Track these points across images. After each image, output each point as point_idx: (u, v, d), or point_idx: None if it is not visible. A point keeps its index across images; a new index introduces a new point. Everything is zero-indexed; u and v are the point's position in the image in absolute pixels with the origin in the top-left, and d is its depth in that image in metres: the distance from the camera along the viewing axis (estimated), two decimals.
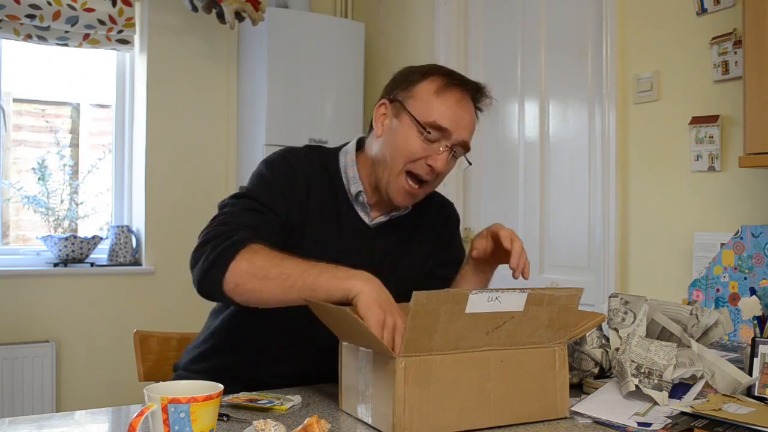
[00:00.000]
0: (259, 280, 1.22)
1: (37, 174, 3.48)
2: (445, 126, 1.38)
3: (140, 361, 1.71)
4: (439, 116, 1.38)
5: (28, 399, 3.20)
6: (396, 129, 1.41)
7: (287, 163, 1.43)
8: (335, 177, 1.47)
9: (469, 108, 1.44)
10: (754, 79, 1.84)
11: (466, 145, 1.44)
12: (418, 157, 1.39)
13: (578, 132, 2.82)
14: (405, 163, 1.39)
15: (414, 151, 1.39)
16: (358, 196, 1.45)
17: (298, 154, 1.46)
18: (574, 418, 1.14)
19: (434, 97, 1.40)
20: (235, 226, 1.30)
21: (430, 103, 1.39)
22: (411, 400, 1.02)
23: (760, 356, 1.24)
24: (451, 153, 1.41)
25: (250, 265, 1.22)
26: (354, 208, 1.47)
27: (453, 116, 1.39)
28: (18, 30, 3.27)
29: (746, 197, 2.17)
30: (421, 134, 1.38)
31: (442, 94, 1.40)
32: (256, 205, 1.36)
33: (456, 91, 1.42)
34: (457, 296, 1.02)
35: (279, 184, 1.40)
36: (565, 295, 1.11)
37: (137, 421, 0.87)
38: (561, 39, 2.91)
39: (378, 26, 3.85)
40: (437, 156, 1.39)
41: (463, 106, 1.42)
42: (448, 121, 1.39)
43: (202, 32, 3.69)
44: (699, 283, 2.14)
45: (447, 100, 1.40)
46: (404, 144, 1.39)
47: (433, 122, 1.38)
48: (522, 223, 3.08)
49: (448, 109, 1.39)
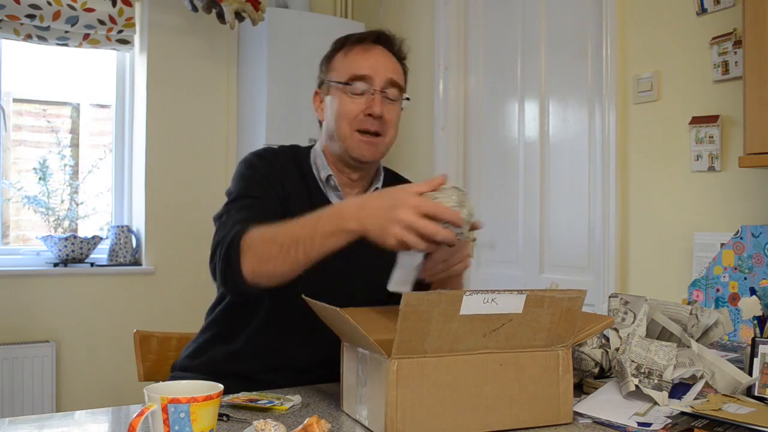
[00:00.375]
0: (268, 261, 1.26)
1: (38, 174, 3.48)
2: (363, 73, 1.47)
3: (140, 361, 1.71)
4: (355, 68, 1.48)
5: (28, 399, 3.20)
6: (330, 103, 1.51)
7: (262, 158, 1.52)
8: (306, 168, 1.55)
9: (381, 52, 1.52)
10: (754, 79, 1.84)
11: (395, 83, 1.50)
12: (357, 113, 1.47)
13: (578, 132, 2.82)
14: (349, 124, 1.47)
15: (350, 109, 1.47)
16: (328, 179, 1.53)
17: (270, 150, 1.56)
18: (575, 419, 1.14)
19: (345, 57, 1.51)
20: (230, 227, 1.35)
21: (344, 63, 1.50)
22: (404, 402, 1.01)
23: (760, 356, 1.24)
24: (383, 95, 1.48)
25: (253, 253, 1.27)
26: (326, 194, 1.53)
27: (367, 62, 1.48)
28: (18, 30, 3.27)
29: (746, 197, 2.17)
30: (348, 92, 1.47)
31: (350, 51, 1.51)
32: (246, 201, 1.43)
33: (360, 44, 1.51)
34: (450, 298, 1.00)
35: (259, 175, 1.48)
36: (568, 297, 1.08)
37: (137, 421, 0.87)
38: (561, 39, 2.91)
39: (378, 26, 3.84)
40: (371, 103, 1.46)
41: (374, 52, 1.51)
42: (365, 69, 1.48)
43: (202, 32, 3.69)
44: (699, 283, 2.14)
45: (355, 53, 1.50)
46: (340, 109, 1.48)
47: (352, 75, 1.47)
48: (522, 223, 3.08)
49: (360, 58, 1.49)
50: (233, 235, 1.30)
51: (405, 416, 1.01)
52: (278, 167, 1.50)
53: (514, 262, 3.11)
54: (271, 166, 1.50)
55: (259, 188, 1.45)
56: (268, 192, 1.45)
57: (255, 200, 1.43)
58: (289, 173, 1.52)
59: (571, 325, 1.10)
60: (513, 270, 3.11)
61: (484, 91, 3.31)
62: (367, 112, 1.46)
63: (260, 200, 1.43)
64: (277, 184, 1.48)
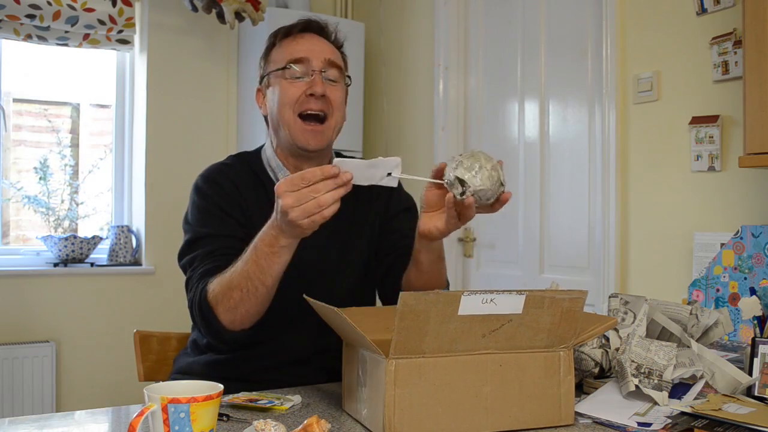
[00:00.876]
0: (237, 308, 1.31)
1: (39, 174, 3.48)
2: (300, 56, 1.46)
3: (140, 361, 1.71)
4: (290, 53, 1.47)
5: (28, 399, 3.20)
6: (272, 93, 1.50)
7: (212, 183, 1.50)
8: (262, 174, 1.53)
9: (314, 38, 1.51)
10: (754, 79, 1.84)
11: (334, 64, 1.48)
12: (298, 95, 1.45)
13: (578, 132, 2.82)
14: (291, 109, 1.46)
15: (292, 93, 1.46)
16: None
17: (219, 168, 1.54)
18: (575, 419, 1.14)
19: (280, 46, 1.50)
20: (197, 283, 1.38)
21: (279, 52, 1.49)
22: (402, 402, 1.01)
23: (760, 356, 1.24)
24: (323, 75, 1.46)
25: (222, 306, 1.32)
26: None
27: (302, 46, 1.47)
28: (18, 30, 3.27)
29: (746, 197, 2.17)
30: (287, 76, 1.46)
31: (283, 40, 1.51)
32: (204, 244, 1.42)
33: (293, 31, 1.51)
34: (448, 298, 1.00)
35: (212, 204, 1.47)
36: (568, 297, 1.07)
37: (137, 421, 0.87)
38: (561, 39, 2.91)
39: (378, 26, 3.85)
40: (312, 83, 1.45)
41: (306, 37, 1.50)
42: (300, 52, 1.46)
43: (202, 32, 3.69)
44: (699, 283, 2.14)
45: (289, 40, 1.50)
46: (282, 96, 1.46)
47: (288, 59, 1.46)
48: (522, 223, 3.08)
49: (294, 43, 1.48)
50: (200, 295, 1.34)
51: (403, 416, 1.01)
52: (229, 186, 1.48)
53: (514, 262, 3.11)
54: (221, 189, 1.48)
55: (214, 221, 1.44)
56: (224, 222, 1.44)
57: (215, 240, 1.42)
58: (245, 185, 1.50)
59: (572, 326, 1.10)
60: (513, 270, 3.11)
61: (484, 91, 3.31)
62: (309, 92, 1.44)
63: (218, 238, 1.42)
64: (233, 205, 1.46)
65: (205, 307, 1.33)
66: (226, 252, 1.40)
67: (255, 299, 1.29)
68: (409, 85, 3.65)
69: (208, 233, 1.43)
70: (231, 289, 1.29)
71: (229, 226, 1.44)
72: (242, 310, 1.31)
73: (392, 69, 3.77)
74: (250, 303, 1.30)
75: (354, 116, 3.68)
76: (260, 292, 1.29)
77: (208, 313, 1.33)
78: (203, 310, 1.33)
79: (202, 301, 1.33)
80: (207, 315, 1.33)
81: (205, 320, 1.34)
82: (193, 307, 1.37)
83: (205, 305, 1.33)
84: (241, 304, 1.30)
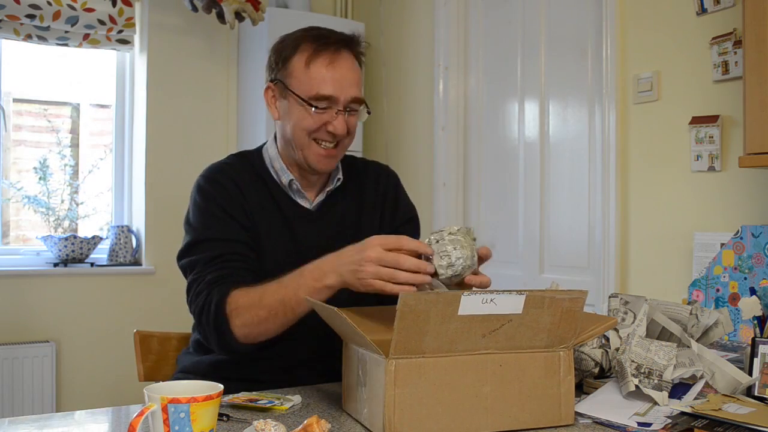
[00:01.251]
0: (258, 325, 1.32)
1: (38, 174, 3.48)
2: (329, 94, 1.41)
3: (140, 361, 1.71)
4: (319, 86, 1.41)
5: (28, 399, 3.20)
6: (288, 109, 1.46)
7: (215, 182, 1.48)
8: (265, 174, 1.52)
9: (345, 64, 1.44)
10: (754, 79, 1.84)
11: (357, 100, 1.46)
12: (317, 128, 1.43)
13: (578, 132, 2.82)
14: (307, 135, 1.44)
15: (310, 125, 1.43)
16: (291, 184, 1.51)
17: (221, 168, 1.52)
18: (575, 419, 1.14)
19: (308, 69, 1.42)
20: (207, 290, 1.36)
21: (307, 77, 1.42)
22: (401, 402, 1.01)
23: (760, 356, 1.24)
24: (347, 113, 1.44)
25: (242, 319, 1.31)
26: (292, 198, 1.52)
27: (332, 81, 1.42)
28: (18, 30, 3.27)
29: (746, 197, 2.17)
30: (311, 109, 1.42)
31: (313, 64, 1.42)
32: (209, 248, 1.41)
33: (325, 54, 1.43)
34: (448, 298, 1.00)
35: (216, 206, 1.45)
36: (568, 297, 1.07)
37: (137, 421, 0.87)
38: (561, 39, 2.91)
39: (378, 26, 3.85)
40: (334, 122, 1.43)
41: (338, 65, 1.43)
42: (330, 88, 1.41)
43: (202, 32, 3.69)
44: (699, 283, 2.14)
45: (320, 68, 1.42)
46: (300, 122, 1.44)
47: (316, 95, 1.42)
48: (522, 223, 3.08)
49: (325, 76, 1.42)
50: (216, 302, 1.33)
51: (403, 416, 1.01)
52: (232, 186, 1.47)
53: (514, 262, 3.11)
54: (224, 189, 1.47)
55: (218, 224, 1.43)
56: (227, 224, 1.43)
57: (218, 244, 1.41)
58: (247, 185, 1.49)
59: (572, 326, 1.10)
60: (513, 270, 3.11)
61: (484, 91, 3.31)
62: (328, 129, 1.43)
63: (220, 242, 1.41)
64: (236, 206, 1.45)
65: (221, 317, 1.32)
66: (230, 258, 1.40)
67: (280, 323, 1.31)
68: (409, 85, 3.65)
69: (211, 236, 1.42)
70: (260, 307, 1.30)
71: (232, 229, 1.43)
72: (263, 328, 1.32)
73: (392, 69, 3.77)
74: (275, 324, 1.31)
75: None
76: (288, 318, 1.30)
77: (223, 324, 1.32)
78: (218, 320, 1.33)
79: (218, 311, 1.32)
80: (221, 325, 1.33)
81: (217, 330, 1.34)
82: (204, 314, 1.35)
83: (222, 316, 1.32)
84: (264, 323, 1.31)
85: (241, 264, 1.40)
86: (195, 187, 1.51)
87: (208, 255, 1.40)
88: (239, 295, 1.32)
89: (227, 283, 1.35)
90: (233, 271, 1.38)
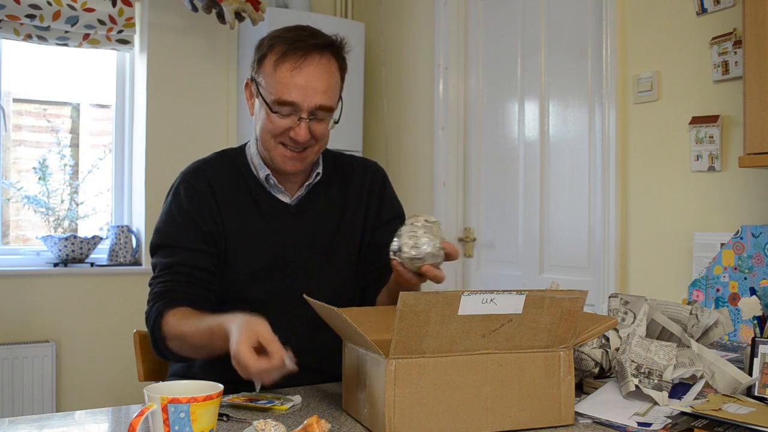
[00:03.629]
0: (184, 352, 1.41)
1: (38, 174, 3.48)
2: (290, 100, 1.38)
3: (140, 361, 1.71)
4: (283, 91, 1.38)
5: (28, 399, 3.20)
6: (258, 109, 1.46)
7: (187, 183, 1.51)
8: (245, 171, 1.53)
9: (312, 70, 1.39)
10: (754, 79, 1.84)
11: (325, 108, 1.41)
12: (280, 132, 1.42)
13: (578, 132, 2.82)
14: (272, 138, 1.43)
15: (274, 129, 1.42)
16: (267, 179, 1.51)
17: (197, 168, 1.54)
18: (575, 419, 1.14)
19: (275, 72, 1.39)
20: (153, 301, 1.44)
21: (273, 79, 1.39)
22: (402, 402, 1.01)
23: (760, 356, 1.24)
24: (311, 119, 1.41)
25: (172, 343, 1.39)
26: (271, 193, 1.52)
27: (296, 87, 1.37)
28: (18, 30, 3.27)
29: (746, 197, 2.17)
30: (274, 114, 1.40)
31: (279, 67, 1.39)
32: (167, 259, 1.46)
33: (292, 59, 1.38)
34: (448, 298, 1.00)
35: (181, 212, 1.48)
36: (568, 297, 1.07)
37: (137, 421, 0.87)
38: (561, 39, 2.91)
39: (378, 26, 3.85)
40: (296, 129, 1.40)
41: (306, 71, 1.38)
42: (292, 94, 1.38)
43: (202, 32, 3.69)
44: (699, 283, 2.14)
45: (285, 73, 1.38)
46: (265, 124, 1.43)
47: (278, 99, 1.39)
48: (522, 223, 3.08)
49: (289, 81, 1.37)
50: (154, 320, 1.41)
51: (403, 416, 1.01)
52: (203, 187, 1.49)
53: (514, 262, 3.11)
54: (194, 192, 1.49)
55: (177, 232, 1.47)
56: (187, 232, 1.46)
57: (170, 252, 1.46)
58: (222, 183, 1.50)
59: (572, 326, 1.10)
60: (513, 270, 3.11)
61: (484, 91, 3.31)
62: (290, 135, 1.42)
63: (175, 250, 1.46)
64: (203, 210, 1.47)
65: (158, 333, 1.40)
66: (179, 270, 1.44)
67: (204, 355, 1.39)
68: (409, 85, 3.65)
69: (168, 243, 1.47)
70: (184, 341, 1.37)
71: (189, 237, 1.46)
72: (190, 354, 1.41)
73: (392, 69, 3.77)
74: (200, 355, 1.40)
75: (354, 116, 3.69)
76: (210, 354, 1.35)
77: (160, 340, 1.41)
78: (155, 334, 1.41)
79: (155, 326, 1.40)
80: (158, 340, 1.41)
81: (155, 341, 1.42)
82: (148, 323, 1.44)
83: (159, 333, 1.40)
84: (190, 352, 1.40)
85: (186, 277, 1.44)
86: (170, 191, 1.54)
87: (163, 262, 1.47)
88: (171, 323, 1.38)
89: (167, 302, 1.41)
90: (176, 285, 1.43)
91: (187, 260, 1.45)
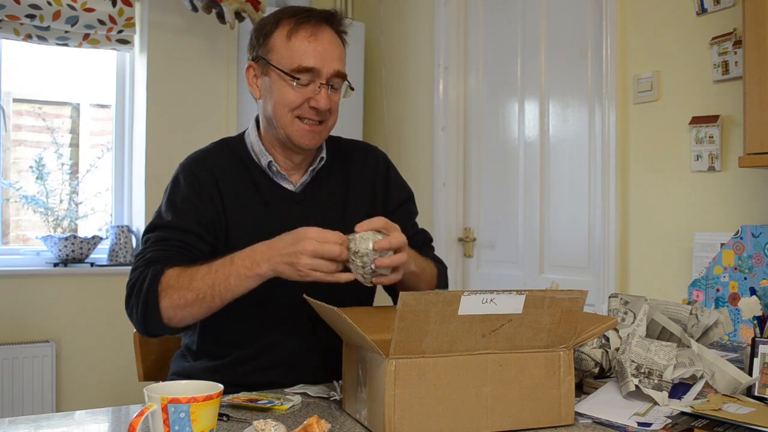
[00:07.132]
0: (184, 308, 1.31)
1: (35, 173, 3.48)
2: (310, 66, 1.40)
3: (140, 361, 1.71)
4: (301, 58, 1.40)
5: (28, 399, 3.20)
6: (270, 86, 1.45)
7: (188, 172, 1.48)
8: (246, 159, 1.51)
9: (327, 38, 1.43)
10: (754, 79, 1.84)
11: (340, 74, 1.44)
12: (299, 104, 1.42)
13: (578, 132, 2.82)
14: (290, 112, 1.42)
15: (293, 100, 1.42)
16: (270, 166, 1.49)
17: (198, 157, 1.52)
18: (575, 419, 1.14)
19: (288, 42, 1.41)
20: (144, 266, 1.37)
21: (288, 49, 1.41)
22: (402, 402, 1.01)
23: (760, 356, 1.24)
24: (329, 87, 1.43)
25: (170, 299, 1.31)
26: (274, 180, 1.50)
27: (314, 53, 1.40)
28: (18, 30, 3.27)
29: (746, 197, 2.17)
30: (292, 82, 1.40)
31: (294, 36, 1.41)
32: (164, 234, 1.41)
33: (306, 27, 1.42)
34: (448, 298, 1.00)
35: (182, 197, 1.44)
36: (568, 297, 1.07)
37: (137, 421, 0.87)
38: (561, 39, 2.91)
39: (378, 26, 3.85)
40: (317, 96, 1.41)
41: (320, 38, 1.42)
42: (311, 60, 1.40)
43: (202, 32, 3.69)
44: (699, 283, 2.14)
45: (301, 40, 1.41)
46: (281, 97, 1.42)
47: (298, 67, 1.40)
48: (522, 223, 3.08)
49: (307, 48, 1.40)
50: (150, 278, 1.32)
51: (403, 416, 1.01)
52: (205, 176, 1.46)
53: (514, 262, 3.11)
54: (195, 180, 1.46)
55: (176, 215, 1.43)
56: (186, 215, 1.42)
57: (169, 230, 1.41)
58: (226, 172, 1.48)
59: (572, 326, 1.10)
60: (513, 270, 3.11)
61: (484, 91, 3.31)
62: (311, 105, 1.41)
63: (174, 230, 1.41)
64: (204, 197, 1.44)
65: (152, 293, 1.31)
66: (176, 244, 1.40)
67: (206, 308, 1.31)
68: (409, 85, 3.65)
69: (167, 223, 1.43)
70: (188, 289, 1.30)
71: (188, 220, 1.42)
72: (188, 312, 1.32)
73: (392, 69, 3.77)
74: (200, 309, 1.31)
75: (354, 116, 3.69)
76: (214, 304, 1.30)
77: (152, 301, 1.32)
78: (148, 296, 1.32)
79: (150, 287, 1.32)
80: (149, 302, 1.32)
81: (145, 306, 1.32)
82: (135, 288, 1.35)
83: (153, 292, 1.32)
84: (190, 306, 1.31)
85: (185, 252, 1.39)
86: (173, 177, 1.51)
87: (157, 236, 1.42)
88: (172, 275, 1.32)
89: (164, 262, 1.35)
90: (174, 253, 1.38)
91: (186, 239, 1.40)
